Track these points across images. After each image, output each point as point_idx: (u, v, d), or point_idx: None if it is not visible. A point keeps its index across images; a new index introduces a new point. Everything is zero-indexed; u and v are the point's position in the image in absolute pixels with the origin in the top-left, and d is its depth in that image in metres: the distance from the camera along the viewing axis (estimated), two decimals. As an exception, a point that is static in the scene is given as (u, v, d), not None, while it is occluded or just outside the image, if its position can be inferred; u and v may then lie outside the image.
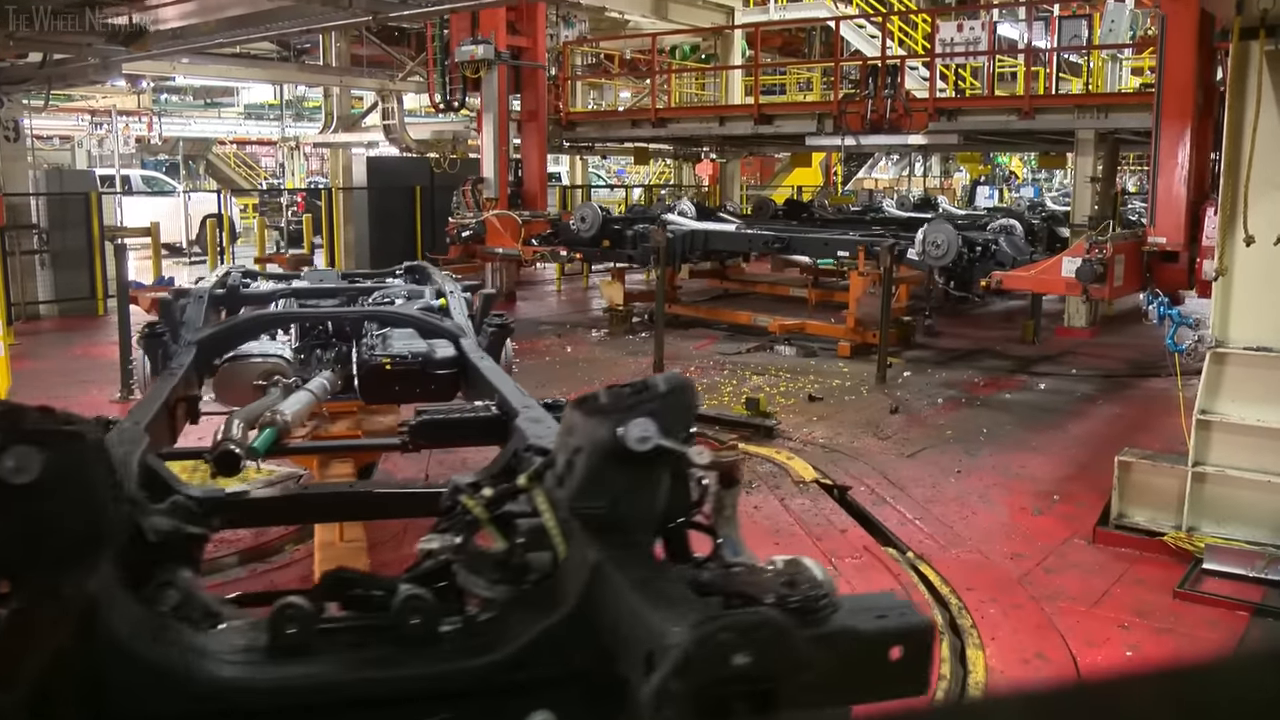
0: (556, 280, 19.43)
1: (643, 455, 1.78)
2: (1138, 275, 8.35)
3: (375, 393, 4.75)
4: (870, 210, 18.39)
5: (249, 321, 5.10)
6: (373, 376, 4.64)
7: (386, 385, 4.64)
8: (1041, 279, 9.21)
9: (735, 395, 10.06)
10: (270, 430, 3.58)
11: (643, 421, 1.80)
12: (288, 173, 40.40)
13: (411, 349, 4.73)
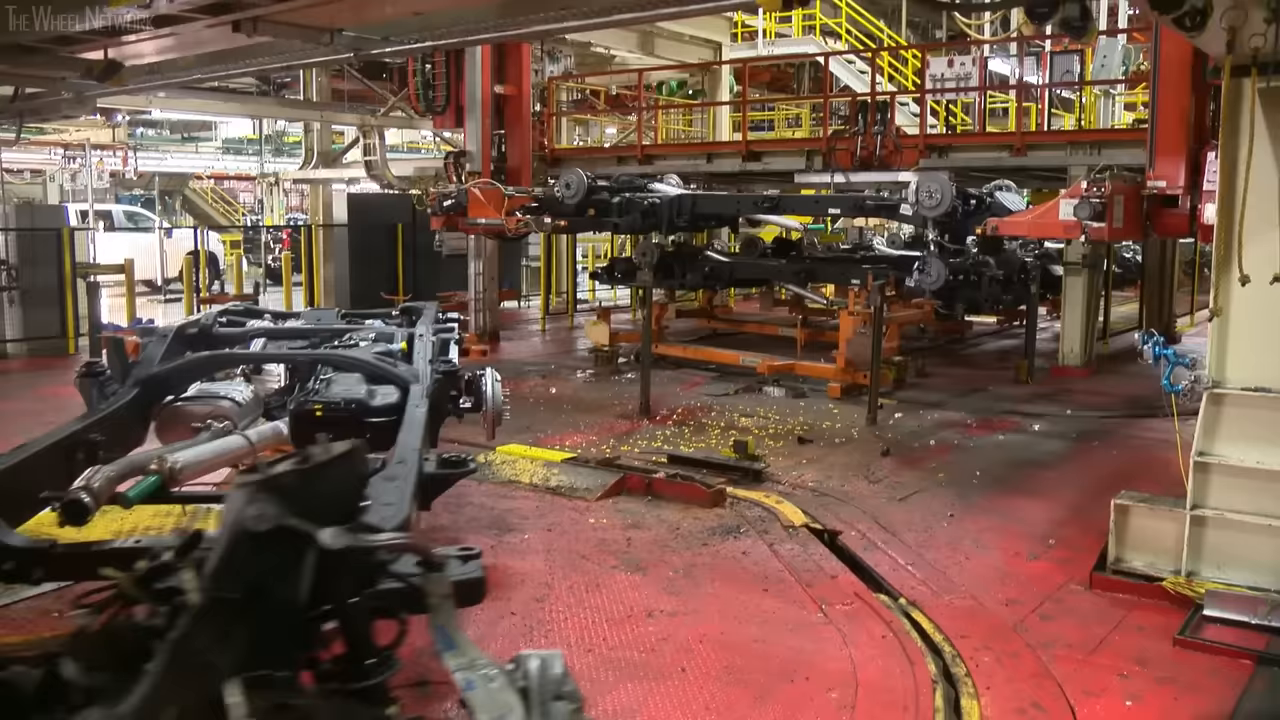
0: (541, 320, 19.43)
1: (270, 536, 1.72)
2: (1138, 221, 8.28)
3: (307, 440, 4.64)
4: (861, 248, 18.41)
5: (192, 363, 5.08)
6: (303, 423, 4.58)
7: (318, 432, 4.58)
8: (1039, 223, 9.16)
9: (723, 438, 10.02)
10: (152, 479, 3.53)
11: (261, 500, 1.73)
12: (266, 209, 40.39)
13: (348, 395, 4.66)
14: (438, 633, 1.86)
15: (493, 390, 5.61)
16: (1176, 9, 4.97)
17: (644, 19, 7.93)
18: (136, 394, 4.68)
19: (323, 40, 7.51)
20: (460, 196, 14.04)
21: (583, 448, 9.59)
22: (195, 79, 11.19)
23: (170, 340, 5.55)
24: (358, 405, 4.61)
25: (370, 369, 5.01)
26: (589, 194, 13.80)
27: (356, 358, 5.10)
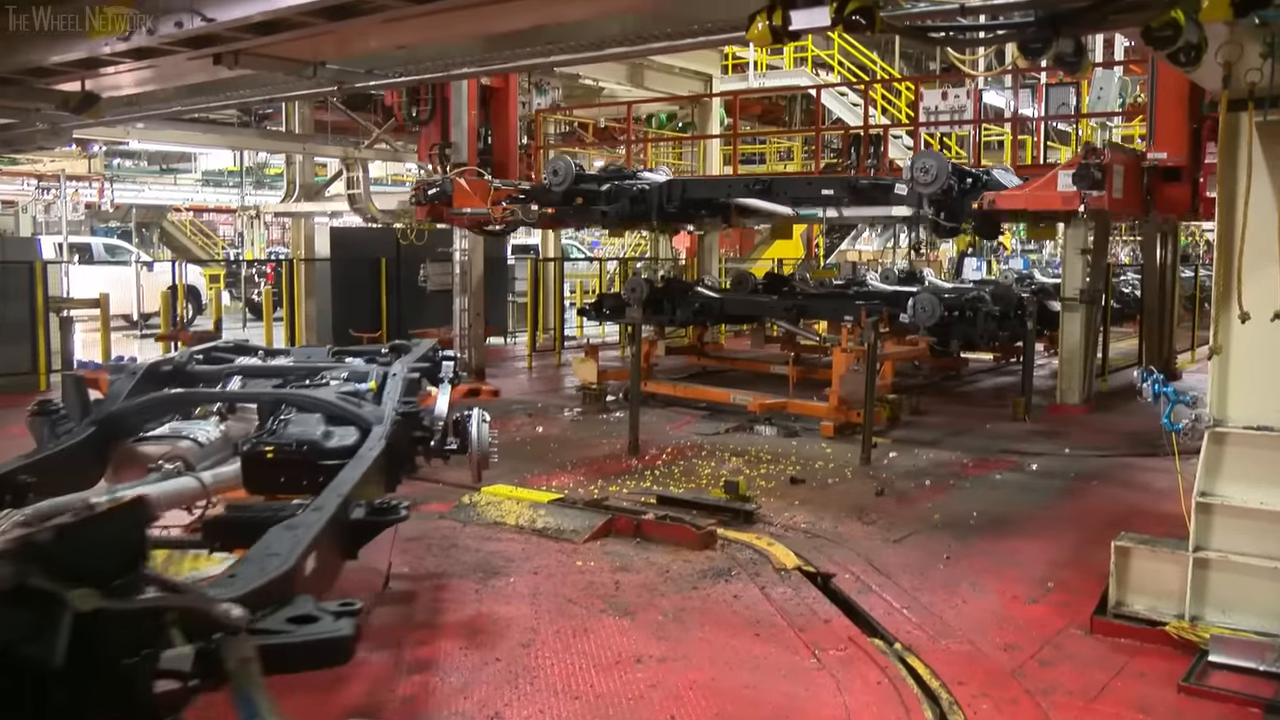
0: (527, 357, 19.43)
1: (13, 596, 1.71)
2: (1138, 194, 8.22)
3: (259, 482, 4.60)
4: (854, 284, 18.49)
5: (150, 402, 5.06)
6: (255, 465, 4.53)
7: (271, 475, 4.54)
8: (1037, 195, 9.12)
9: (714, 478, 10.00)
10: None
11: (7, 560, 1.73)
12: (247, 242, 40.46)
13: (302, 436, 4.63)
14: (239, 701, 1.83)
15: (479, 432, 5.57)
16: (1170, 45, 5.01)
17: (632, 54, 7.99)
18: (92, 433, 4.64)
19: (305, 73, 7.54)
20: (445, 185, 13.90)
21: (570, 488, 9.55)
22: (175, 111, 11.22)
23: (140, 378, 5.52)
24: (310, 447, 4.56)
25: (332, 409, 4.96)
26: (576, 182, 13.66)
27: (319, 398, 5.06)
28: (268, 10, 5.37)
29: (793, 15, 4.69)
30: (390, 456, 4.81)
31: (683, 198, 13.19)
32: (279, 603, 2.85)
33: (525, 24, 6.43)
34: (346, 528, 3.88)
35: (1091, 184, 7.75)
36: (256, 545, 3.22)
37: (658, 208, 13.20)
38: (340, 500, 3.80)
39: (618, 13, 6.44)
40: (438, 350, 7.10)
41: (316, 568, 3.34)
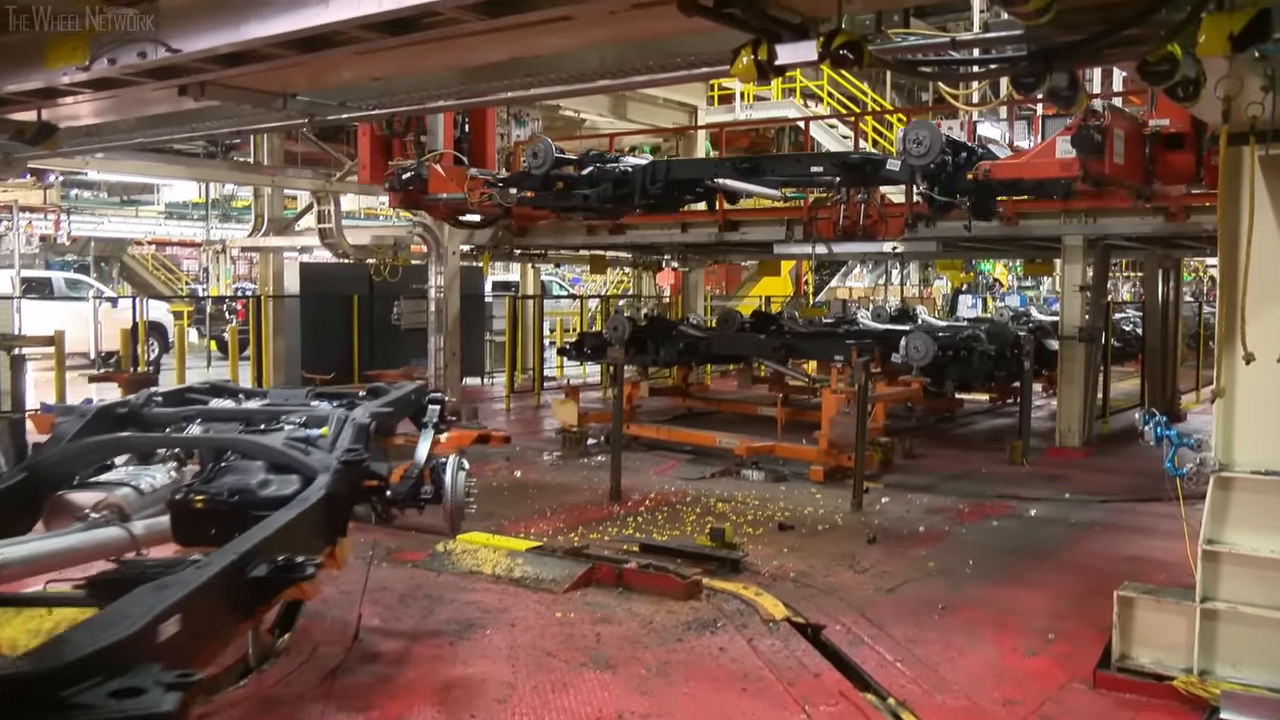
0: (505, 399, 19.40)
1: None
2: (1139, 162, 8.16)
3: (189, 534, 4.51)
4: (844, 322, 18.57)
5: (83, 448, 5.01)
6: (184, 516, 4.46)
7: (201, 526, 4.46)
8: (1035, 163, 9.11)
9: (699, 525, 9.98)
10: None
11: None
12: (212, 278, 40.36)
13: (235, 485, 4.56)
14: None
15: (453, 480, 5.52)
16: (1168, 80, 5.06)
17: (614, 87, 8.04)
18: (23, 479, 4.58)
19: (275, 105, 7.55)
20: (420, 170, 13.74)
21: (549, 536, 9.52)
22: (137, 142, 11.21)
23: (89, 421, 5.47)
24: (241, 497, 4.49)
25: (276, 457, 4.91)
26: (557, 165, 13.47)
27: (264, 444, 5.00)
28: (236, 42, 5.38)
29: (779, 50, 4.71)
30: (330, 507, 4.74)
31: (667, 179, 12.90)
32: (116, 671, 2.75)
33: (502, 56, 6.46)
34: (245, 587, 3.74)
35: (1091, 148, 7.71)
36: (112, 606, 3.10)
37: (641, 189, 12.89)
38: (236, 556, 3.69)
39: (598, 45, 6.48)
40: (424, 393, 7.04)
41: (184, 632, 3.19)
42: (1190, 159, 8.17)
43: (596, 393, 20.12)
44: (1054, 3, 4.16)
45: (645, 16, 5.01)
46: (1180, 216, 13.17)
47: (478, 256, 20.08)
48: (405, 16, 4.89)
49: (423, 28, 5.09)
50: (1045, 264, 19.14)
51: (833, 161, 12.26)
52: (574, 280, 38.64)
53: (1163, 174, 8.42)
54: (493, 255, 20.29)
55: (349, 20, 4.87)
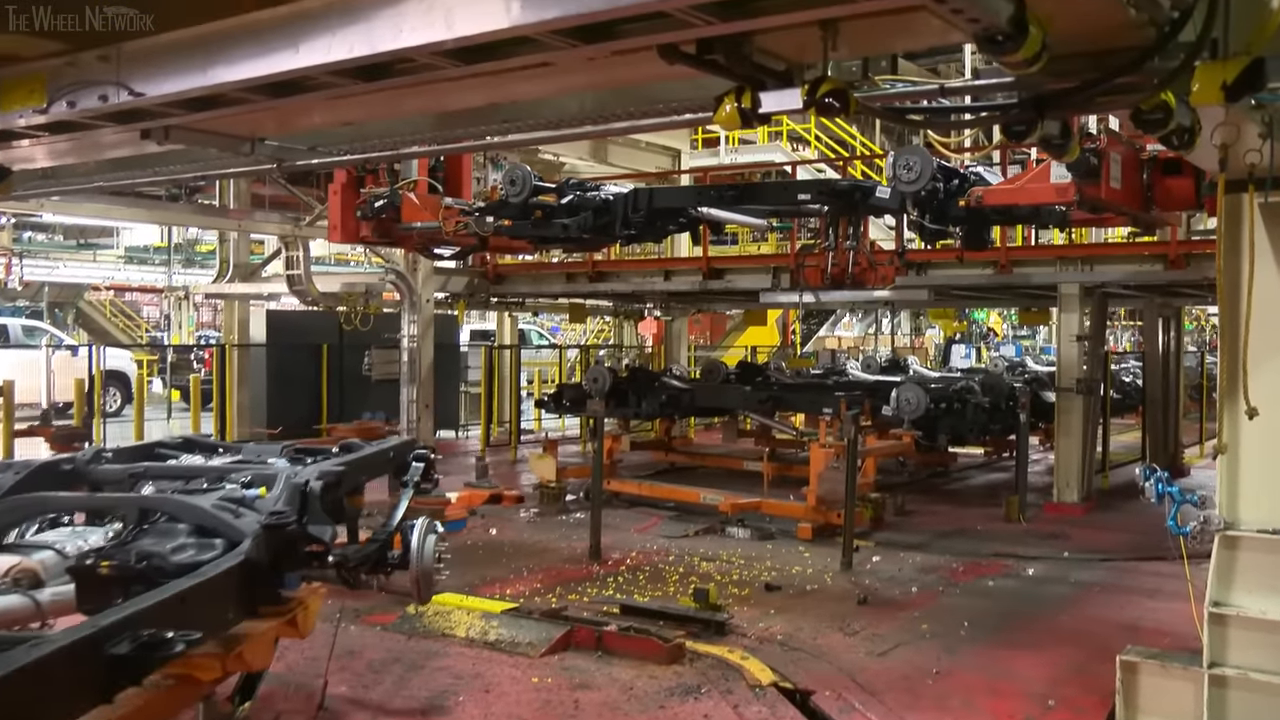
0: (481, 452, 19.34)
1: None
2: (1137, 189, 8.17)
3: (94, 602, 4.31)
4: (833, 373, 18.64)
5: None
6: (88, 582, 4.34)
7: (107, 593, 4.28)
8: (1028, 188, 9.13)
9: (682, 585, 9.96)
10: None
11: None
12: (174, 325, 40.26)
13: (145, 550, 4.44)
14: None
15: (421, 544, 5.40)
16: (1162, 128, 5.13)
17: (594, 134, 8.11)
18: None
19: (243, 149, 7.58)
20: (394, 197, 13.64)
21: (525, 597, 9.49)
22: (96, 186, 11.23)
23: (26, 478, 5.41)
24: (150, 562, 4.39)
25: (202, 518, 4.80)
26: (535, 193, 13.24)
27: (190, 505, 4.89)
28: (203, 86, 5.39)
29: (763, 98, 4.77)
30: (250, 575, 4.61)
31: (650, 207, 12.87)
32: None
33: (479, 101, 6.51)
34: (102, 665, 3.54)
35: (1087, 171, 7.75)
36: None
37: (623, 219, 12.90)
38: (93, 631, 3.52)
39: (578, 91, 6.54)
40: (407, 448, 6.96)
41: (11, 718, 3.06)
42: (1189, 185, 8.21)
43: (576, 447, 20.11)
44: (1044, 51, 4.22)
45: (626, 63, 5.06)
46: (1180, 264, 13.30)
47: (453, 305, 20.11)
48: (378, 63, 4.92)
49: (396, 74, 5.13)
50: (1041, 313, 19.27)
51: (820, 188, 12.29)
52: (553, 329, 38.68)
53: (1161, 200, 8.46)
54: (468, 303, 20.32)
55: (320, 66, 4.90)
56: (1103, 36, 4.66)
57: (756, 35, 4.65)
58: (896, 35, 5.00)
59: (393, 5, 4.52)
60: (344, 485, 5.59)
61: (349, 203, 13.76)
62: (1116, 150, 8.01)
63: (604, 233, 12.94)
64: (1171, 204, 8.51)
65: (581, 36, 4.46)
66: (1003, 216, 11.40)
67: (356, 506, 5.96)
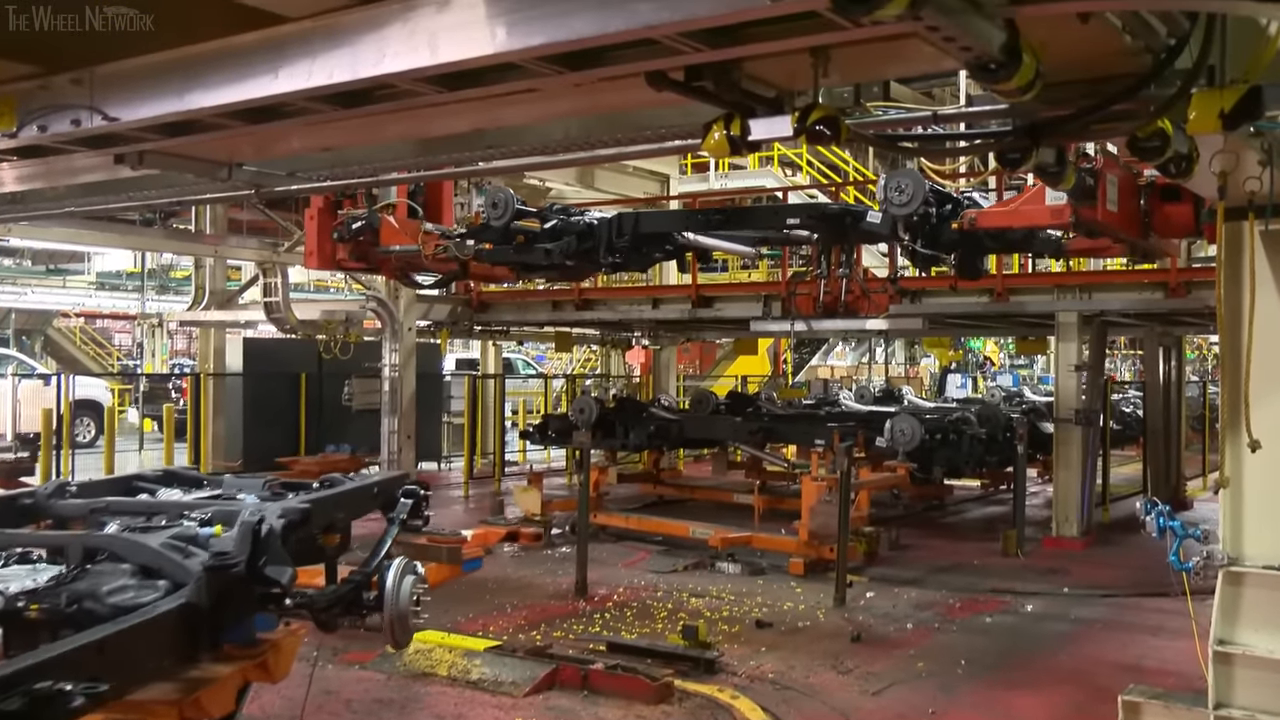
0: (464, 485, 19.34)
1: None
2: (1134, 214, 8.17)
3: (24, 648, 4.14)
4: (826, 404, 18.67)
5: None
6: (17, 626, 4.21)
7: (37, 638, 4.17)
8: (1023, 210, 9.13)
9: (670, 622, 9.95)
10: None
11: None
12: (147, 353, 40.15)
13: (79, 591, 4.32)
14: None
15: (396, 586, 5.26)
16: (1159, 156, 5.17)
17: (580, 160, 8.11)
18: None
19: (219, 174, 7.59)
20: (371, 219, 13.54)
21: (509, 634, 9.47)
22: (66, 211, 11.21)
23: None
24: (81, 605, 4.27)
25: (148, 558, 4.63)
26: (518, 217, 13.17)
27: (137, 543, 4.73)
28: (179, 111, 5.39)
29: (752, 125, 4.81)
30: (191, 620, 4.49)
31: (635, 232, 12.71)
32: None
33: (464, 127, 6.55)
34: None
35: (1083, 193, 7.77)
36: None
37: (607, 244, 12.83)
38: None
39: (563, 116, 6.58)
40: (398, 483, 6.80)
41: None
42: (1188, 211, 8.24)
43: (561, 479, 20.08)
44: (1038, 79, 4.26)
45: (613, 89, 5.10)
46: (1180, 292, 13.36)
47: (435, 333, 20.13)
48: (360, 89, 4.95)
49: (377, 100, 5.15)
50: (1039, 342, 19.34)
51: (809, 213, 12.30)
52: (538, 358, 38.68)
53: (1159, 226, 8.49)
54: (452, 332, 20.35)
55: (300, 91, 4.92)
56: (1098, 63, 4.71)
57: (746, 62, 4.69)
58: (888, 62, 5.04)
59: (375, 30, 4.54)
60: (314, 522, 5.43)
61: (326, 227, 13.71)
62: (1113, 172, 8.05)
63: (587, 258, 12.88)
64: (1170, 230, 8.55)
65: (568, 63, 4.50)
66: (997, 244, 11.45)
67: (332, 544, 5.87)
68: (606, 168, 20.56)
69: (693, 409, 17.49)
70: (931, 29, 3.75)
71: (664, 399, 18.65)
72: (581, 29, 4.04)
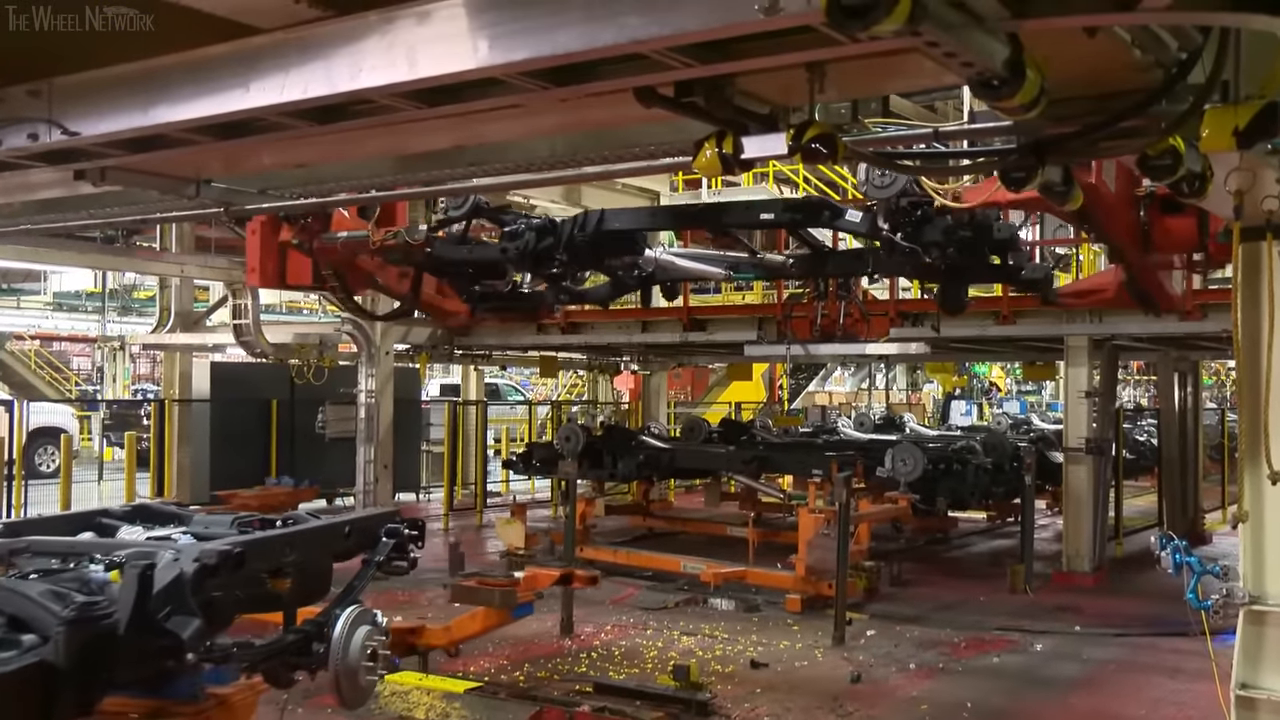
0: (444, 517, 19.30)
1: None
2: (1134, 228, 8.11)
3: None
4: (823, 432, 18.70)
5: None
6: None
7: None
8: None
9: (660, 662, 9.94)
10: None
11: None
12: (107, 378, 39.98)
13: None
14: None
15: (344, 638, 5.05)
16: (1170, 175, 5.20)
17: (566, 178, 8.14)
18: None
19: (186, 192, 7.59)
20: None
21: (491, 674, 9.46)
22: (22, 229, 11.19)
23: None
24: None
25: (20, 607, 4.37)
26: (477, 211, 13.27)
27: (15, 591, 4.46)
28: (144, 126, 5.39)
29: (745, 142, 4.83)
30: (48, 680, 4.23)
31: (598, 229, 12.64)
32: None
33: (444, 143, 6.58)
34: None
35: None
36: None
37: (568, 240, 12.65)
38: None
39: (548, 132, 6.60)
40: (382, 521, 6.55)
41: None
42: (1191, 224, 8.23)
43: (546, 511, 20.07)
44: (1042, 96, 4.29)
45: (600, 104, 5.12)
46: (1195, 315, 13.38)
47: (414, 357, 20.12)
48: (334, 104, 4.97)
49: (354, 115, 5.17)
50: (1047, 367, 19.38)
51: (786, 206, 12.27)
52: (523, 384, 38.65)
53: (1160, 241, 8.46)
54: (431, 356, 20.35)
55: (272, 106, 4.93)
56: (1106, 79, 4.74)
57: (739, 77, 4.71)
58: (887, 78, 5.08)
59: (351, 44, 4.56)
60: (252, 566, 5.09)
61: (269, 243, 13.51)
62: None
63: (546, 257, 12.69)
64: (1172, 245, 8.55)
65: (553, 79, 4.52)
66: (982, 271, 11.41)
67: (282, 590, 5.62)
68: (594, 185, 20.61)
69: (684, 437, 17.50)
70: (931, 44, 3.78)
71: (654, 427, 18.70)
72: (568, 43, 4.06)
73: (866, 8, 3.41)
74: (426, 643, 8.73)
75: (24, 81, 5.77)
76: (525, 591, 11.66)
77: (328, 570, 5.90)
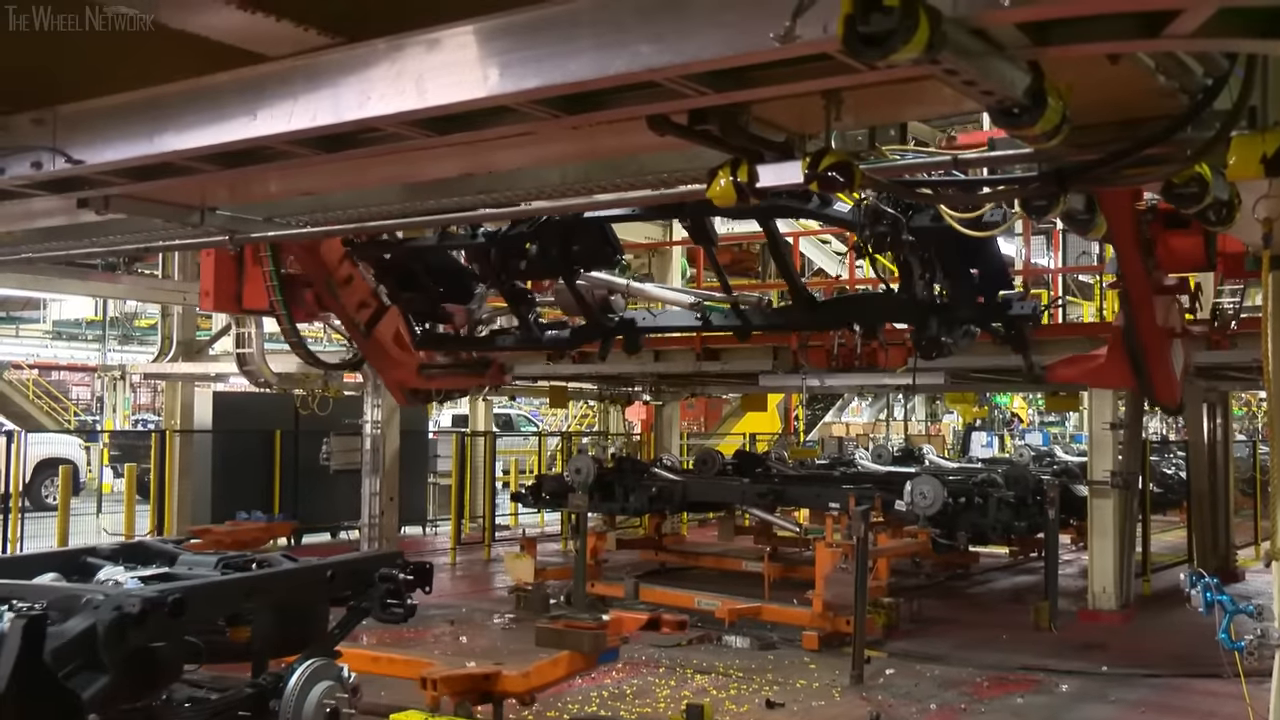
0: (451, 551, 19.30)
1: None
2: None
3: None
4: (840, 464, 18.67)
5: None
6: None
7: None
8: None
9: (673, 701, 9.92)
10: None
11: None
12: (107, 408, 40.07)
13: None
14: None
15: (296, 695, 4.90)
16: (1197, 203, 5.21)
17: (577, 206, 8.17)
18: None
19: (191, 220, 7.64)
20: None
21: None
22: (24, 258, 11.25)
23: None
24: None
25: None
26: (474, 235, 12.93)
27: None
28: (149, 155, 5.45)
29: (760, 170, 4.86)
30: None
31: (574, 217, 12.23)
32: None
33: (453, 171, 6.62)
34: None
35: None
36: None
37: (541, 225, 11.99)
38: None
39: (559, 160, 6.63)
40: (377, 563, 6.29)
41: None
42: (1197, 243, 8.16)
43: (556, 545, 20.06)
44: (1064, 124, 4.30)
45: (612, 132, 5.16)
46: (1224, 344, 13.32)
47: (420, 387, 20.13)
48: (342, 132, 5.01)
49: (361, 143, 5.21)
50: (1070, 397, 19.30)
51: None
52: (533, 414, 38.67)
53: (1164, 259, 8.40)
54: (438, 385, 20.34)
55: (279, 134, 4.98)
56: (1130, 105, 4.76)
57: (753, 105, 4.74)
58: (905, 105, 5.10)
59: (359, 72, 4.60)
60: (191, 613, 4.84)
61: (225, 265, 13.15)
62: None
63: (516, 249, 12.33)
64: (1176, 264, 8.48)
65: (565, 107, 4.55)
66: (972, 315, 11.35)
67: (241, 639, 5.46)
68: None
69: (697, 469, 17.45)
70: (950, 73, 3.80)
71: (666, 459, 18.66)
72: (580, 71, 4.10)
73: (884, 36, 3.43)
74: (504, 690, 8.49)
75: (29, 109, 5.83)
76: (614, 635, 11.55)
77: (315, 616, 5.77)
